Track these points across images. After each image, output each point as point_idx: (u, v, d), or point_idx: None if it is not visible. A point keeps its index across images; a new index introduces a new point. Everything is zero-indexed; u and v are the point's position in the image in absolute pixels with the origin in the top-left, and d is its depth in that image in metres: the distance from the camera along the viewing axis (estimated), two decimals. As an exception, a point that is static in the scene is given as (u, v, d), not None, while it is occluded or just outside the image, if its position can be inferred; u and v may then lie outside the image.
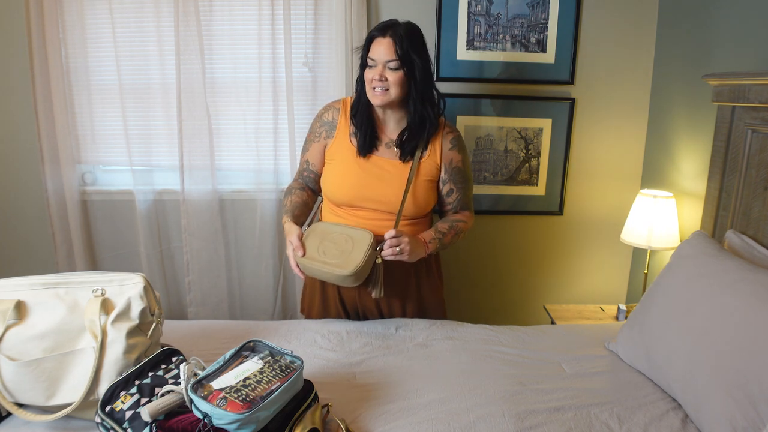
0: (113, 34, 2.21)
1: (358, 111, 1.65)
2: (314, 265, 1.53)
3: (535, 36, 2.35)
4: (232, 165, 2.42)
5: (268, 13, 2.24)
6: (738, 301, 1.22)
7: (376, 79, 1.55)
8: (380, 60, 1.54)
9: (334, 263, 1.51)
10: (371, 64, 1.57)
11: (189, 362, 1.11)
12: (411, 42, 1.55)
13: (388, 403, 1.28)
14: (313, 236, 1.60)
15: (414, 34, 1.57)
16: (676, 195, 2.13)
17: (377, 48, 1.55)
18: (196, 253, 2.41)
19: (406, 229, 1.66)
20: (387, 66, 1.54)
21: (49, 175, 2.28)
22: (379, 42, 1.55)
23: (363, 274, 1.53)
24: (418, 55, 1.56)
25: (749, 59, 1.78)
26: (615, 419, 1.24)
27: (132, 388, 1.13)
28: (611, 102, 2.45)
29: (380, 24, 1.59)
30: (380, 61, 1.54)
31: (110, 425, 1.08)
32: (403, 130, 1.65)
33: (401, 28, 1.55)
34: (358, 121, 1.65)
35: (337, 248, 1.54)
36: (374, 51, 1.55)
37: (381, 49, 1.54)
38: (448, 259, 1.96)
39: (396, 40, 1.53)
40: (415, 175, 1.64)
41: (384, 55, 1.54)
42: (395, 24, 1.57)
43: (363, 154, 1.65)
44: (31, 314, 1.19)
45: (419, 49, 1.57)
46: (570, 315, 2.30)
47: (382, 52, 1.54)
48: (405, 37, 1.54)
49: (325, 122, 1.72)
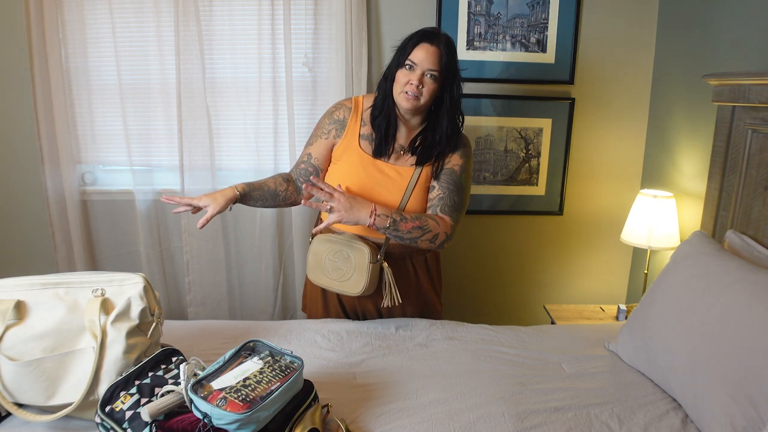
0: (113, 34, 2.21)
1: (382, 111, 1.62)
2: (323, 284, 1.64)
3: (535, 36, 2.35)
4: (232, 165, 2.42)
5: (268, 13, 2.24)
6: (738, 301, 1.22)
7: (413, 83, 1.52)
8: (422, 66, 1.52)
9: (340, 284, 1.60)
10: (410, 67, 1.54)
11: (189, 362, 1.11)
12: (453, 56, 1.55)
13: (388, 403, 1.28)
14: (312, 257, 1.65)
15: (454, 48, 1.57)
16: (676, 195, 2.13)
17: (421, 53, 1.52)
18: (196, 253, 2.41)
19: None
20: (427, 73, 1.53)
21: (49, 175, 2.28)
22: (425, 48, 1.52)
23: (372, 287, 1.61)
24: (457, 71, 1.57)
25: (749, 59, 1.78)
26: (615, 419, 1.24)
27: (132, 388, 1.13)
28: (611, 102, 2.45)
29: (426, 30, 1.56)
30: (422, 67, 1.52)
31: (110, 425, 1.08)
32: (416, 137, 1.64)
33: (446, 40, 1.55)
34: (379, 121, 1.63)
35: (339, 268, 1.60)
36: (417, 55, 1.52)
37: (426, 55, 1.51)
38: (449, 259, 1.96)
39: (443, 51, 1.52)
40: (417, 181, 1.64)
41: (428, 63, 1.52)
42: (440, 33, 1.56)
43: (377, 156, 1.64)
44: (31, 314, 1.19)
45: (457, 64, 1.57)
46: (570, 315, 2.30)
47: (426, 59, 1.51)
48: (451, 50, 1.54)
49: (336, 120, 1.69)
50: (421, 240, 1.56)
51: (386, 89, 1.60)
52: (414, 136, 1.65)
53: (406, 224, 1.53)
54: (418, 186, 1.64)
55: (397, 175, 1.64)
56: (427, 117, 1.65)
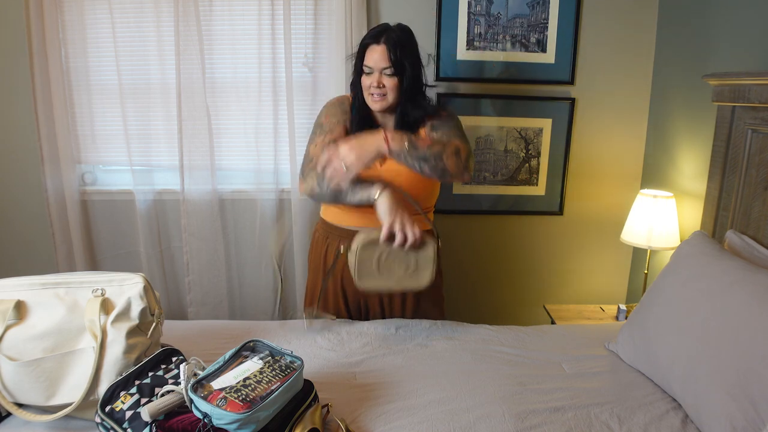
0: (113, 34, 2.21)
1: (361, 118, 1.66)
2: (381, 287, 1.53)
3: (535, 36, 2.35)
4: (232, 165, 2.43)
5: (268, 13, 2.24)
6: (738, 301, 1.22)
7: (374, 86, 1.57)
8: (376, 67, 1.56)
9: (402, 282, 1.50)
10: (367, 72, 1.58)
11: (189, 362, 1.11)
12: (403, 47, 1.56)
13: (388, 403, 1.28)
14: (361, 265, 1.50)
15: (406, 37, 1.58)
16: (676, 195, 2.13)
17: (372, 55, 1.56)
18: (196, 253, 2.41)
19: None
20: (383, 72, 1.56)
21: (49, 175, 2.28)
22: (373, 49, 1.56)
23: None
24: (411, 59, 1.58)
25: (749, 59, 1.78)
26: (615, 419, 1.24)
27: (132, 388, 1.13)
28: (611, 102, 2.45)
29: (373, 30, 1.60)
30: (376, 69, 1.56)
31: (110, 425, 1.08)
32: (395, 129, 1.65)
33: (394, 33, 1.56)
34: (358, 125, 1.65)
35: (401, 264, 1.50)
36: (369, 58, 1.57)
37: (376, 56, 1.55)
38: (449, 259, 1.95)
39: (389, 47, 1.54)
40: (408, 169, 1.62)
41: (380, 62, 1.55)
42: (388, 29, 1.58)
43: None
44: (31, 314, 1.19)
45: (412, 52, 1.58)
46: (570, 315, 2.30)
47: (377, 60, 1.55)
48: (398, 42, 1.55)
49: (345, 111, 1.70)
50: (446, 156, 1.44)
51: (357, 96, 1.65)
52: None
53: (422, 141, 1.44)
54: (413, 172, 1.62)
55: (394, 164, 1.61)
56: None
